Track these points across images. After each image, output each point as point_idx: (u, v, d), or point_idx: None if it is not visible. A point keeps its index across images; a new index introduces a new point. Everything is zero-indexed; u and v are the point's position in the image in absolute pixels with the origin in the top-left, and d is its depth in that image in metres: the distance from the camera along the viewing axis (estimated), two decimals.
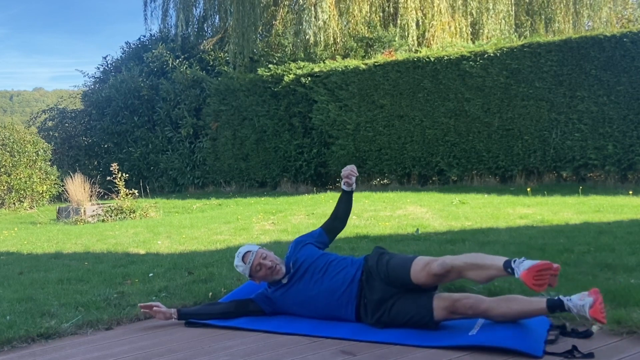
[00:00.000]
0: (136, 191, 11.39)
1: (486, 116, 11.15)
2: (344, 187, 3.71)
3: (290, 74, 13.65)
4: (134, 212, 10.65)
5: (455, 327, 3.19)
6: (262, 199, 11.96)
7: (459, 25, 15.38)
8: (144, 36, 19.82)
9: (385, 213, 7.66)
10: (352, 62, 12.97)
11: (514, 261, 2.98)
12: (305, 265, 3.50)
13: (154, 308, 3.56)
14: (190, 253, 5.79)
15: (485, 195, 9.40)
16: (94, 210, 11.22)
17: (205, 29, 19.06)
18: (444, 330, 3.17)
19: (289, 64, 14.11)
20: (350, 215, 3.84)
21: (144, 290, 4.17)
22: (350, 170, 3.68)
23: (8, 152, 14.64)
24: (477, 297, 3.13)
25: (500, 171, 11.29)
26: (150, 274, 4.69)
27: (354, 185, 3.70)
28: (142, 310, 3.60)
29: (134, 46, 19.45)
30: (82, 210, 11.17)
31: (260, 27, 16.58)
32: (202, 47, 17.92)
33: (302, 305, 3.49)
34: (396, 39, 14.54)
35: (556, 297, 3.01)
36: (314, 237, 3.72)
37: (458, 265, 3.11)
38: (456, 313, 3.11)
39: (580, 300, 2.93)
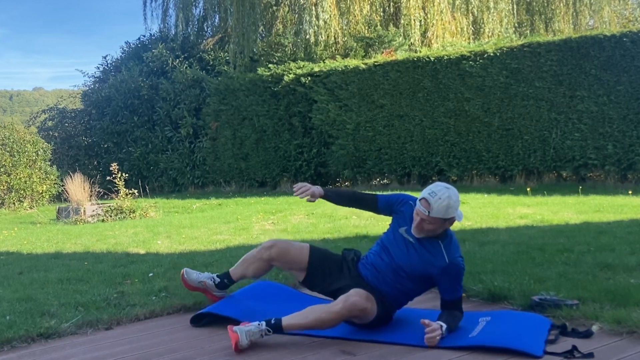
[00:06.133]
0: (136, 191, 11.37)
1: (486, 116, 11.15)
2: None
3: (290, 73, 13.64)
4: (133, 212, 10.64)
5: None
6: (262, 198, 11.96)
7: (460, 24, 15.39)
8: (144, 36, 19.80)
9: None
10: (352, 62, 12.96)
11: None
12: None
13: (303, 189, 3.44)
14: (190, 253, 5.78)
15: (485, 195, 9.40)
16: (93, 210, 11.21)
17: (205, 28, 19.06)
18: None
19: (289, 63, 14.10)
20: (350, 215, 3.83)
21: (144, 290, 4.17)
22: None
23: (8, 152, 14.62)
24: None
25: (500, 171, 11.29)
26: (150, 274, 4.68)
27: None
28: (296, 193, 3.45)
29: (133, 46, 19.42)
30: (82, 210, 11.16)
31: (261, 27, 16.57)
32: (202, 47, 17.91)
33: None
34: (397, 38, 14.53)
35: None
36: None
37: None
38: None
39: None
